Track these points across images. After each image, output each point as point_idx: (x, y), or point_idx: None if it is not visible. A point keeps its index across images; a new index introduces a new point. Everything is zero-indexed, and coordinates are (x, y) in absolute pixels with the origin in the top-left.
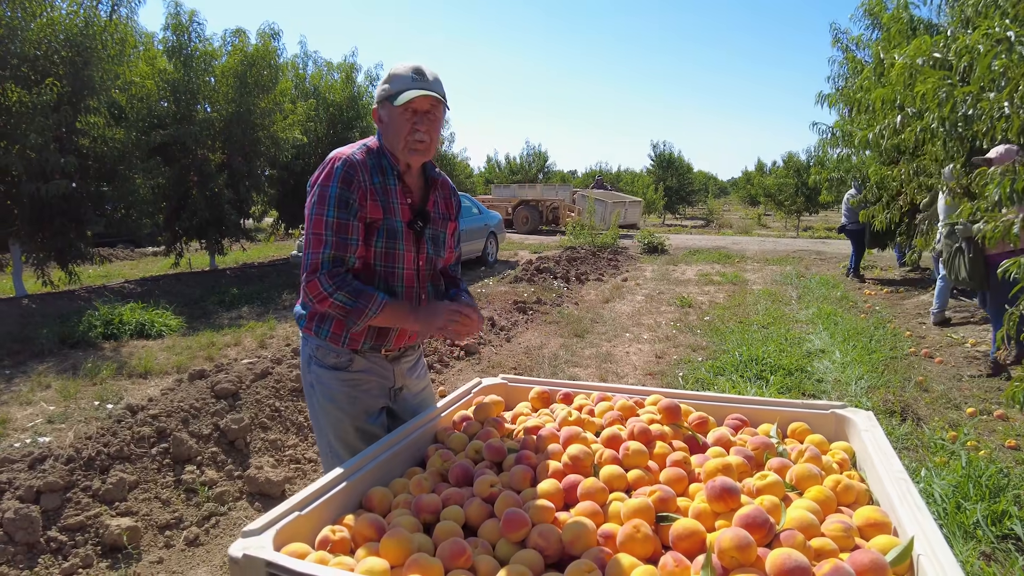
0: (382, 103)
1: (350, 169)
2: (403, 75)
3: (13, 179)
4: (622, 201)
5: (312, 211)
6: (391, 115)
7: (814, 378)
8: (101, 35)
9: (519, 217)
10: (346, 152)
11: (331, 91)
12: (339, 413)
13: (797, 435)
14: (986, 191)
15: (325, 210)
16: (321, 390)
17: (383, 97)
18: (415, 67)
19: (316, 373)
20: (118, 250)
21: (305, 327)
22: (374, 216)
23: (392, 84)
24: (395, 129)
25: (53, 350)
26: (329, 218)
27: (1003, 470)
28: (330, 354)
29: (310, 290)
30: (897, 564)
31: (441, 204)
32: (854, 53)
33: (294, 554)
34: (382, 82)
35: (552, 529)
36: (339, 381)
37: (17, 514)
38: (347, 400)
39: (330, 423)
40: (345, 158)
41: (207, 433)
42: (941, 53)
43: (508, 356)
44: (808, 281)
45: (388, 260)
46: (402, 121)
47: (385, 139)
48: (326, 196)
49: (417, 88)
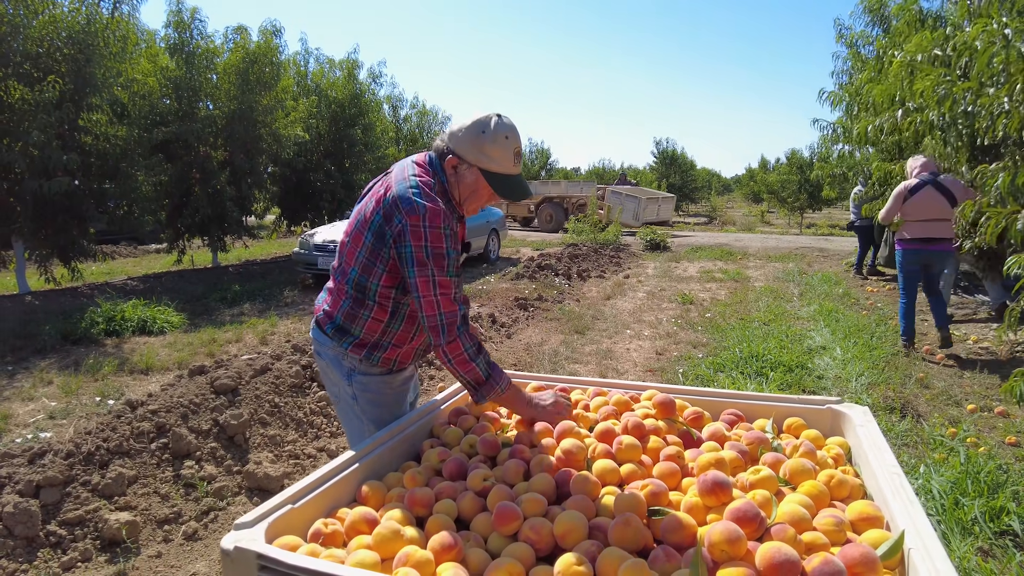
0: (469, 165)
1: (449, 224)
2: (505, 154)
3: (16, 176)
4: (655, 198)
5: (433, 264)
6: (476, 184)
7: (814, 375)
8: (103, 32)
9: (543, 215)
10: (434, 205)
11: (333, 88)
12: (384, 413)
13: (793, 430)
14: (988, 186)
15: (446, 265)
16: (368, 396)
17: (474, 163)
18: (517, 148)
19: (361, 382)
20: (121, 247)
21: (351, 349)
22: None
23: (491, 159)
24: (473, 196)
25: (55, 346)
26: (452, 277)
27: (1002, 466)
28: (375, 365)
29: (452, 351)
30: (888, 558)
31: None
32: (857, 49)
33: (286, 547)
34: (474, 138)
35: (543, 522)
36: (386, 384)
37: (17, 508)
38: (395, 400)
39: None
40: (442, 212)
41: (206, 428)
42: (941, 50)
43: (508, 352)
44: (810, 278)
45: None
46: (487, 197)
47: (453, 190)
48: (445, 253)
49: (515, 181)
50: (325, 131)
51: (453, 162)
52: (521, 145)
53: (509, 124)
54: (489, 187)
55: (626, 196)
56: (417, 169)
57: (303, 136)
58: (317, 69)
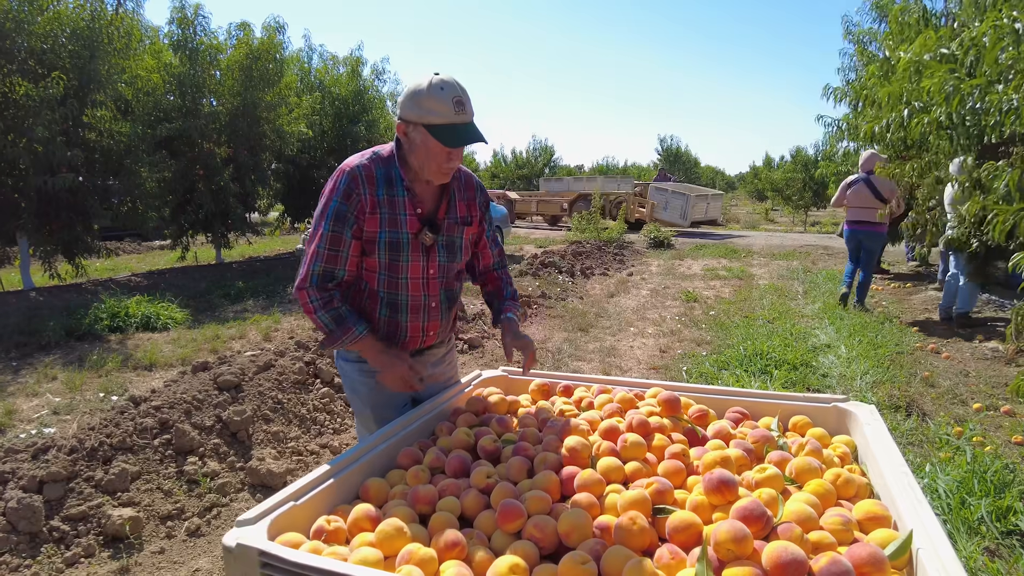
0: (414, 125)
1: (352, 183)
2: (443, 104)
3: (20, 172)
4: (704, 195)
5: (315, 222)
6: (426, 143)
7: (819, 373)
8: (107, 29)
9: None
10: (352, 163)
11: (336, 85)
12: (361, 404)
13: (798, 428)
14: (994, 184)
15: (323, 222)
16: (347, 382)
17: (416, 120)
18: (456, 97)
19: (341, 366)
20: (125, 243)
21: None
22: (370, 229)
23: (430, 111)
24: (427, 156)
25: (60, 342)
26: (325, 231)
27: (1009, 466)
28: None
29: (299, 297)
30: (896, 558)
31: (461, 207)
32: (864, 46)
33: (288, 544)
34: (412, 97)
35: (548, 520)
36: (359, 373)
37: (20, 503)
38: (367, 391)
39: (356, 412)
40: (349, 170)
41: (209, 425)
42: (948, 48)
43: None
44: (815, 276)
45: (392, 270)
46: (439, 151)
47: (409, 156)
48: (326, 209)
49: (462, 129)
50: (328, 128)
51: (401, 128)
52: (463, 95)
53: (445, 78)
54: (438, 142)
55: (672, 193)
56: (388, 145)
57: (306, 132)
58: (321, 66)
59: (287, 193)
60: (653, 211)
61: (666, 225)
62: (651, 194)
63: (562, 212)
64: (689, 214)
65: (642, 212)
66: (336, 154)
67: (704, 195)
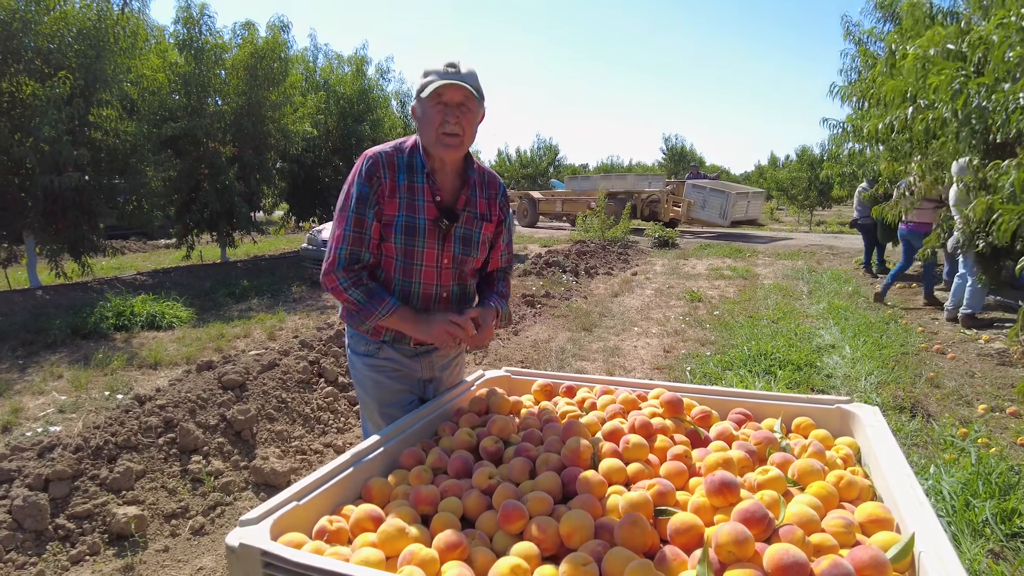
0: (417, 98)
1: (372, 166)
2: (437, 68)
3: (27, 172)
4: (744, 192)
5: (338, 209)
6: (423, 108)
7: (823, 373)
8: (113, 28)
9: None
10: (375, 149)
11: (341, 84)
12: (366, 397)
13: (801, 430)
14: (1000, 183)
15: (348, 204)
16: (355, 375)
17: (417, 91)
18: (449, 61)
19: (350, 359)
20: (130, 242)
21: (341, 315)
22: (389, 213)
23: (426, 82)
24: (426, 122)
25: (66, 341)
26: (350, 214)
27: (1014, 467)
28: (361, 342)
29: (328, 283)
30: (898, 561)
31: (482, 203)
32: (866, 46)
33: (291, 544)
34: (419, 78)
35: (550, 521)
36: (366, 367)
37: (26, 502)
38: (372, 385)
39: (363, 406)
40: (371, 155)
41: (214, 424)
42: (955, 44)
43: (515, 349)
44: (820, 276)
45: (407, 256)
46: (433, 113)
47: (420, 135)
48: (350, 192)
49: (448, 79)
50: (333, 127)
51: (413, 112)
52: (458, 62)
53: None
54: (430, 104)
55: (711, 191)
56: (412, 137)
57: (311, 132)
58: (326, 65)
59: (292, 192)
60: (690, 210)
61: (704, 225)
62: (687, 192)
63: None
64: (729, 213)
65: (677, 211)
66: (341, 153)
67: (745, 193)
